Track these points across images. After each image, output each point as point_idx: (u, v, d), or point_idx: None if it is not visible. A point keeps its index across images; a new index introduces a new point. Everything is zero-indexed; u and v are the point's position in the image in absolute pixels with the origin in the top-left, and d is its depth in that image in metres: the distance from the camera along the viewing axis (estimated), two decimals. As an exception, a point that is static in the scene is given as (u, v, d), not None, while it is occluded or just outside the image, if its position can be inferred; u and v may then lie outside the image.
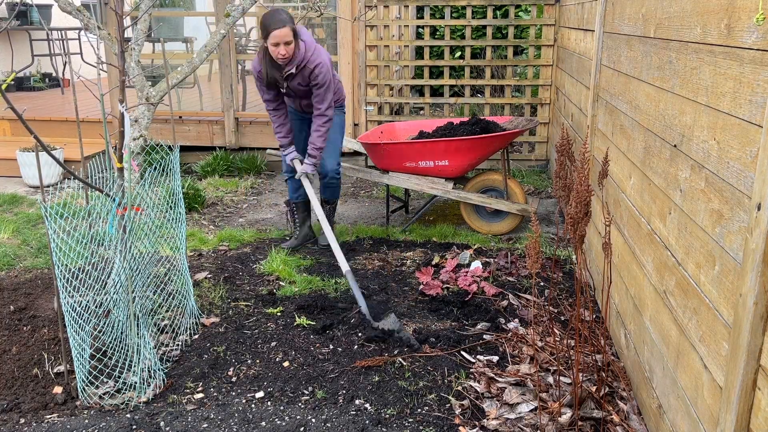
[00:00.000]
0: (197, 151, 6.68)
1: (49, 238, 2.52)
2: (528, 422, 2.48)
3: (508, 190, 4.59)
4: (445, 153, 4.45)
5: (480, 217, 4.67)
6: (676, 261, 2.11)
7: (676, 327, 2.09)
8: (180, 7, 9.58)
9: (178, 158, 3.22)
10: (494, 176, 4.65)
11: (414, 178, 4.62)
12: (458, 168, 4.51)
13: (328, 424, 2.48)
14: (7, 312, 3.43)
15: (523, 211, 4.51)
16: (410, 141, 4.57)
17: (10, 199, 5.43)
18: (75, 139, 6.59)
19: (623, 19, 3.10)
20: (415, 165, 4.57)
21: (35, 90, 9.17)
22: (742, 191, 1.61)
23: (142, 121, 4.91)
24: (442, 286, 3.72)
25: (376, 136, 4.97)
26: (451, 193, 4.58)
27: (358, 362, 2.93)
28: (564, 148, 2.45)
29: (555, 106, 6.09)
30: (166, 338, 3.13)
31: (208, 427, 2.49)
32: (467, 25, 6.28)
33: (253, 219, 5.14)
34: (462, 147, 4.41)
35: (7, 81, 3.43)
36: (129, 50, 4.40)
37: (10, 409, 2.65)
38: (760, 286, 1.46)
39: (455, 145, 4.41)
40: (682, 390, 2.01)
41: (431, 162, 4.50)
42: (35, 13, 8.83)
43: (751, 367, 1.52)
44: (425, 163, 4.53)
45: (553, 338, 2.96)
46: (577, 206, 2.20)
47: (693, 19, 2.04)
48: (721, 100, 1.77)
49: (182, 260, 3.29)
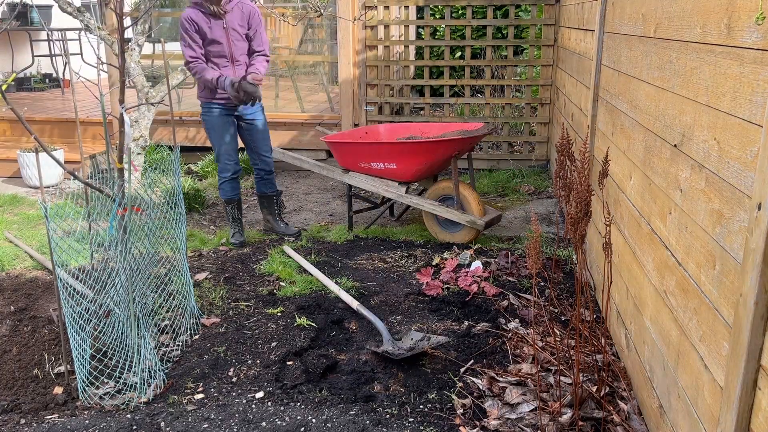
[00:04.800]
0: (197, 151, 6.68)
1: (49, 238, 2.52)
2: (528, 422, 2.48)
3: (462, 199, 4.40)
4: (390, 155, 4.40)
5: (439, 224, 4.56)
6: (677, 261, 2.11)
7: (677, 327, 2.09)
8: (180, 8, 9.58)
9: (179, 158, 3.22)
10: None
11: (371, 179, 4.58)
12: (407, 172, 4.42)
13: (329, 425, 2.48)
14: (8, 312, 3.43)
15: (471, 224, 4.30)
16: (358, 141, 4.54)
17: (11, 200, 5.43)
18: (75, 140, 6.60)
19: (623, 18, 3.09)
20: (368, 166, 4.54)
21: (35, 90, 9.17)
22: (742, 191, 1.61)
23: (142, 122, 4.90)
24: (443, 286, 3.72)
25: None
26: (404, 197, 4.54)
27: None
28: (564, 148, 2.45)
29: (555, 106, 6.09)
30: (167, 338, 3.13)
31: (208, 428, 2.49)
32: (467, 25, 6.28)
33: (253, 219, 5.14)
34: (404, 150, 4.33)
35: (7, 82, 3.43)
36: (129, 50, 4.40)
37: (11, 409, 2.65)
38: (760, 286, 1.46)
39: (398, 148, 4.35)
40: (682, 390, 2.01)
41: (381, 164, 4.46)
42: (35, 13, 8.83)
43: (752, 367, 1.51)
44: (376, 165, 4.49)
45: (554, 338, 2.96)
46: (577, 206, 2.20)
47: (693, 18, 2.04)
48: (722, 100, 1.77)
49: (183, 260, 3.30)
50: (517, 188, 5.83)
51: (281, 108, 7.32)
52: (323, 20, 7.63)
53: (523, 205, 5.39)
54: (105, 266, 3.11)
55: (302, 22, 7.46)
